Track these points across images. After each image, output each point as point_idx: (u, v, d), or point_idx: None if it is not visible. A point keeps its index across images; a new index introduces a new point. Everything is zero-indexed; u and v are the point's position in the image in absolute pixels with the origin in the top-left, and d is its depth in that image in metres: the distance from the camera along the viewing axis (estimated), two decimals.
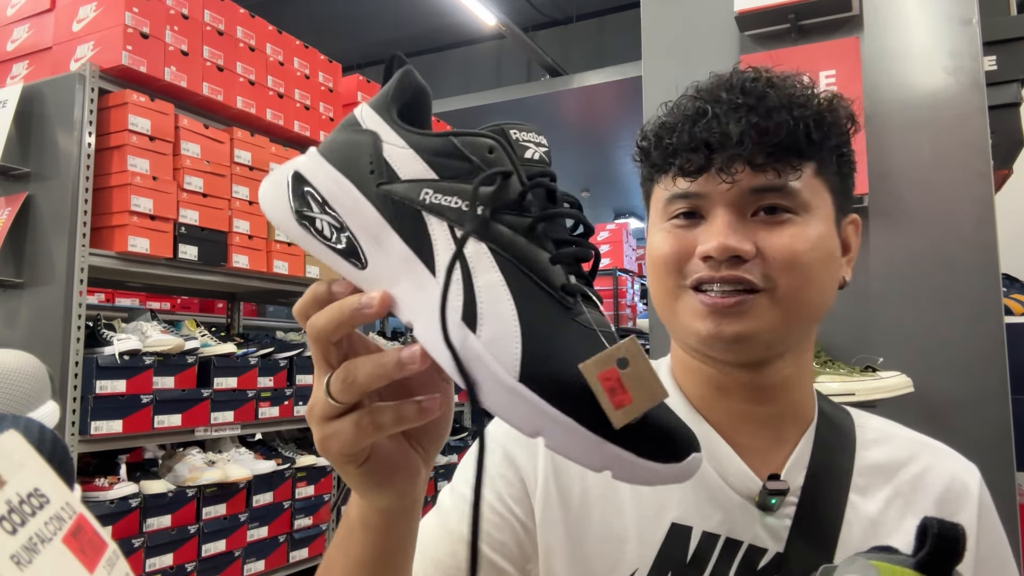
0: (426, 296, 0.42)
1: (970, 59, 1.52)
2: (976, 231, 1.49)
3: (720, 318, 0.64)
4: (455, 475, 0.79)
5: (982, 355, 1.46)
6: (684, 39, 1.81)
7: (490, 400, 0.39)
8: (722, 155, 0.65)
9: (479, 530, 0.50)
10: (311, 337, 0.45)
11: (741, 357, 0.67)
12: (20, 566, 0.47)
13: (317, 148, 0.48)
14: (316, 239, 0.45)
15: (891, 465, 0.74)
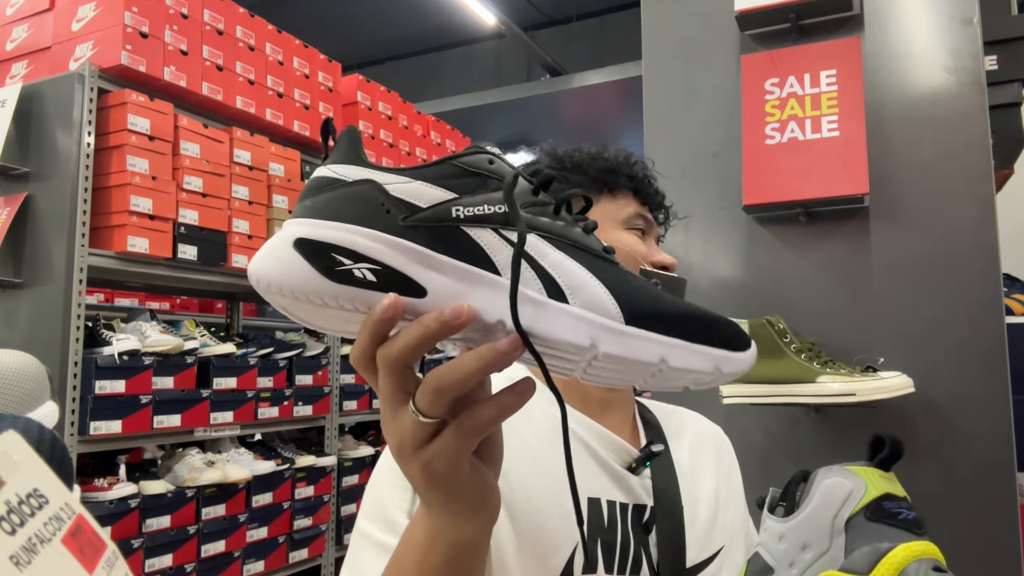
0: (504, 293, 0.45)
1: (971, 58, 1.52)
2: (977, 231, 1.49)
3: None
4: (370, 504, 0.75)
5: (983, 355, 1.45)
6: (684, 39, 1.81)
7: (612, 348, 0.45)
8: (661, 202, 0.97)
9: (581, 522, 0.52)
10: (388, 369, 0.46)
11: None
12: (19, 566, 0.47)
13: (302, 216, 0.48)
14: (359, 288, 0.46)
15: (680, 428, 0.96)
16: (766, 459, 1.60)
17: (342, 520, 3.22)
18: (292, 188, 2.99)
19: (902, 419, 1.50)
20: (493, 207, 0.47)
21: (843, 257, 1.59)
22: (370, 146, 3.56)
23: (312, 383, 3.08)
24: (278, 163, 2.95)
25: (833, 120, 1.56)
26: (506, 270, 0.46)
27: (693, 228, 1.73)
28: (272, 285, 0.46)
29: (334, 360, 3.24)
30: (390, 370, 0.46)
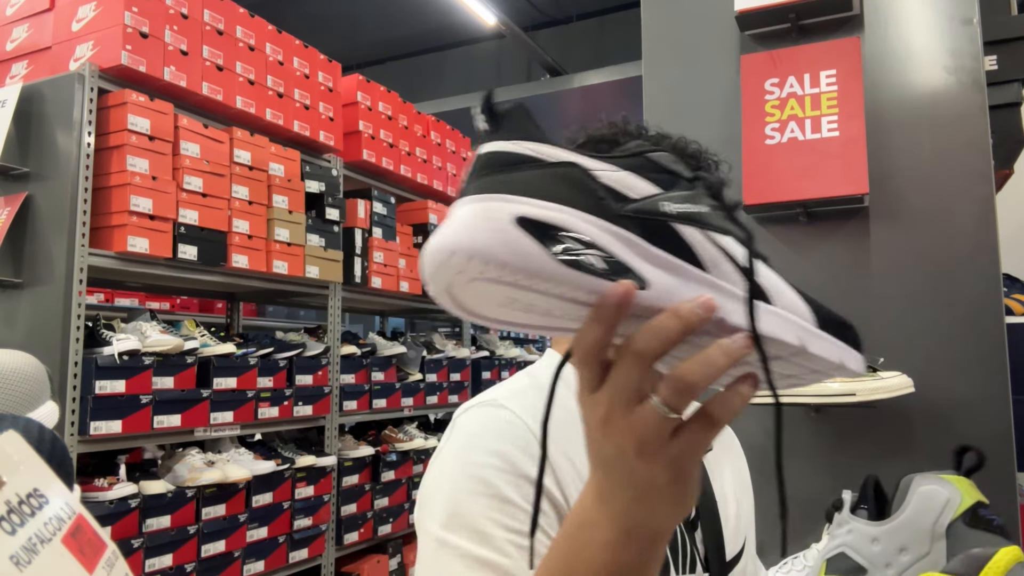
0: (719, 292, 0.47)
1: (971, 59, 1.52)
2: (977, 231, 1.49)
3: None
4: (448, 513, 0.71)
5: (982, 355, 1.45)
6: (684, 39, 1.81)
7: (817, 349, 0.48)
8: None
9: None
10: (638, 362, 0.45)
11: None
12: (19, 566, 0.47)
13: (497, 191, 0.46)
14: (587, 275, 0.44)
15: None
16: (766, 459, 1.60)
17: (342, 520, 3.22)
18: (292, 188, 2.99)
19: (902, 419, 1.50)
20: (697, 206, 0.49)
21: (843, 257, 1.60)
22: (370, 146, 3.57)
23: (312, 383, 3.08)
24: (278, 163, 2.95)
25: (833, 120, 1.56)
26: (713, 268, 0.47)
27: None
28: (491, 262, 0.42)
29: (334, 360, 3.24)
30: (639, 363, 0.44)
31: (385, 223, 3.64)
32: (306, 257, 3.03)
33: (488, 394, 0.82)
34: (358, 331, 3.94)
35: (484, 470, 0.72)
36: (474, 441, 0.75)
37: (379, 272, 3.54)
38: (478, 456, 0.73)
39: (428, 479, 0.77)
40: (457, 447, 0.76)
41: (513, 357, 4.71)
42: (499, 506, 0.70)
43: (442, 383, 3.96)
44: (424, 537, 0.73)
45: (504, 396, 0.80)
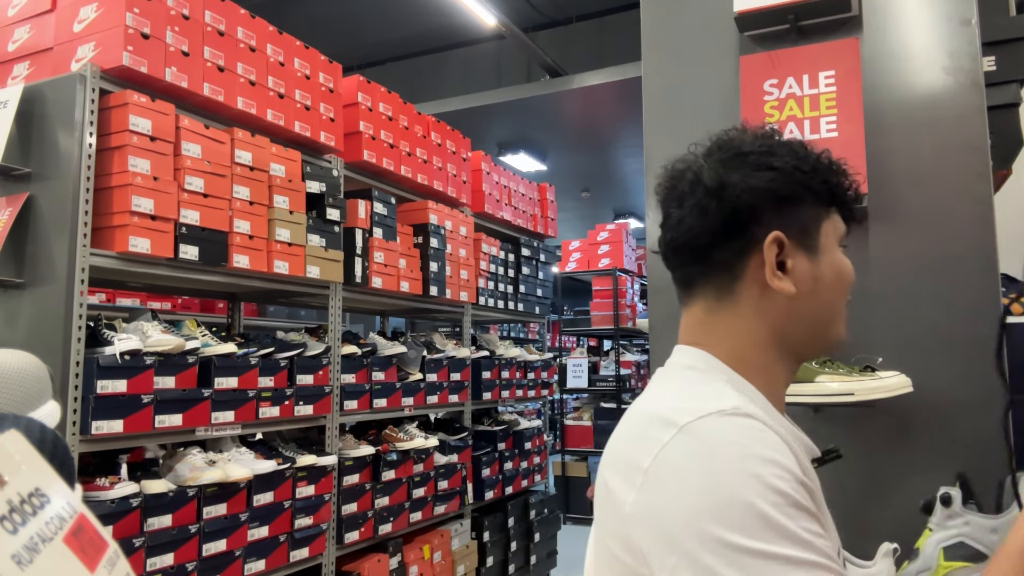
0: None
1: (969, 59, 1.52)
2: (975, 231, 1.49)
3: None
4: (756, 525, 0.68)
5: (981, 355, 1.46)
6: (684, 39, 1.82)
7: None
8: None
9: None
10: None
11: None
12: (21, 566, 0.47)
13: None
14: None
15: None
16: None
17: (343, 519, 3.22)
18: (293, 188, 2.99)
19: (900, 419, 1.50)
20: None
21: None
22: (371, 147, 3.57)
23: (313, 383, 3.09)
24: (279, 163, 2.96)
25: (832, 121, 1.56)
26: None
27: None
28: None
29: (335, 360, 3.25)
30: None
31: (386, 223, 3.64)
32: (307, 257, 3.03)
33: (713, 402, 0.77)
34: (358, 331, 3.95)
35: (771, 479, 0.70)
36: (747, 451, 0.72)
37: (379, 272, 3.54)
38: (758, 467, 0.70)
39: (690, 489, 0.71)
40: (728, 457, 0.72)
41: (513, 357, 4.71)
42: (796, 512, 0.69)
43: (442, 383, 3.97)
44: (722, 550, 0.67)
45: (738, 404, 0.77)
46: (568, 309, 12.54)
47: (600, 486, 0.84)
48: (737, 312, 0.86)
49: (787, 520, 0.68)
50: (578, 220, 13.40)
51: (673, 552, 0.69)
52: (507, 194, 4.93)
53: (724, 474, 0.70)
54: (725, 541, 0.67)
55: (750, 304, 0.85)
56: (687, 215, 0.86)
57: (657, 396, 0.85)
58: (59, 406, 1.59)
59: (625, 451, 0.80)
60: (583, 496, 7.51)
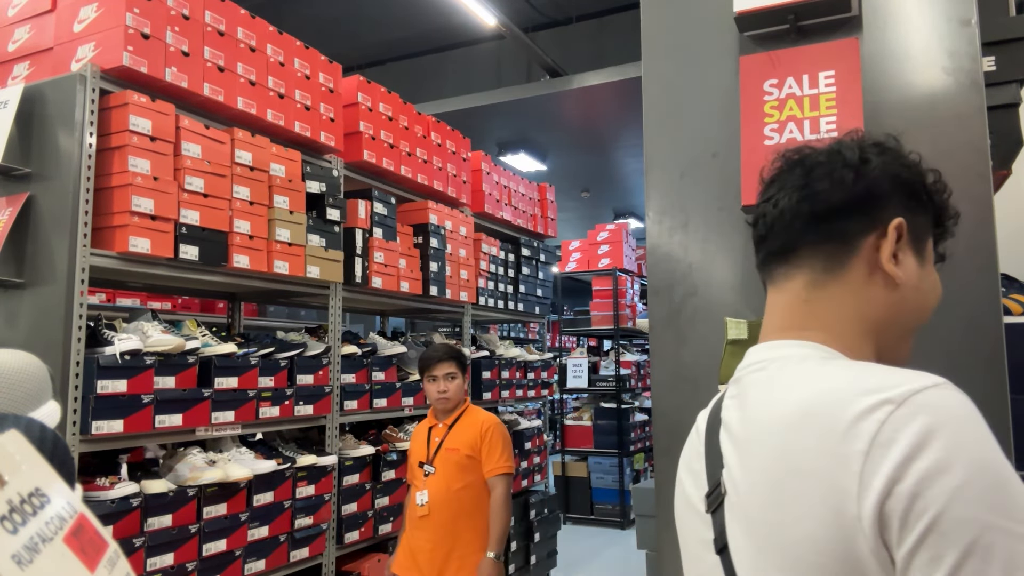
0: None
1: (969, 60, 1.52)
2: (975, 231, 1.49)
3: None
4: (1004, 513, 0.63)
5: (981, 355, 1.46)
6: (684, 39, 1.82)
7: None
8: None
9: None
10: None
11: None
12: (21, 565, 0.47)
13: None
14: None
15: None
16: None
17: (343, 519, 3.22)
18: (293, 188, 2.99)
19: None
20: None
21: None
22: (371, 147, 3.57)
23: (313, 383, 3.09)
24: (279, 164, 2.96)
25: (832, 121, 1.56)
26: None
27: (692, 228, 1.73)
28: None
29: (335, 360, 3.25)
30: None
31: (386, 223, 3.64)
32: (307, 257, 3.04)
33: (926, 377, 0.70)
34: (359, 331, 3.95)
35: (1003, 457, 0.66)
36: (982, 428, 0.67)
37: (379, 272, 3.55)
38: (994, 444, 0.67)
39: (952, 472, 0.64)
40: (974, 436, 0.66)
41: (513, 357, 4.71)
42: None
43: None
44: (999, 538, 0.62)
45: (946, 380, 0.72)
46: (568, 309, 12.54)
47: (755, 500, 0.76)
48: (843, 288, 0.85)
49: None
50: (578, 220, 13.40)
51: (945, 536, 0.63)
52: (507, 194, 4.94)
53: (978, 452, 0.65)
54: (1003, 527, 0.62)
55: (858, 281, 0.85)
56: (816, 182, 0.86)
57: (812, 386, 0.76)
58: (59, 406, 1.59)
59: (806, 443, 0.72)
60: (583, 496, 7.51)
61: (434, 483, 2.88)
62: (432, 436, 2.98)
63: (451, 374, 2.96)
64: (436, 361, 2.95)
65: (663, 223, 1.76)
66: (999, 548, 0.61)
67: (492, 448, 2.90)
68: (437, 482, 2.88)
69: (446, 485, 2.86)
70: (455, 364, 2.97)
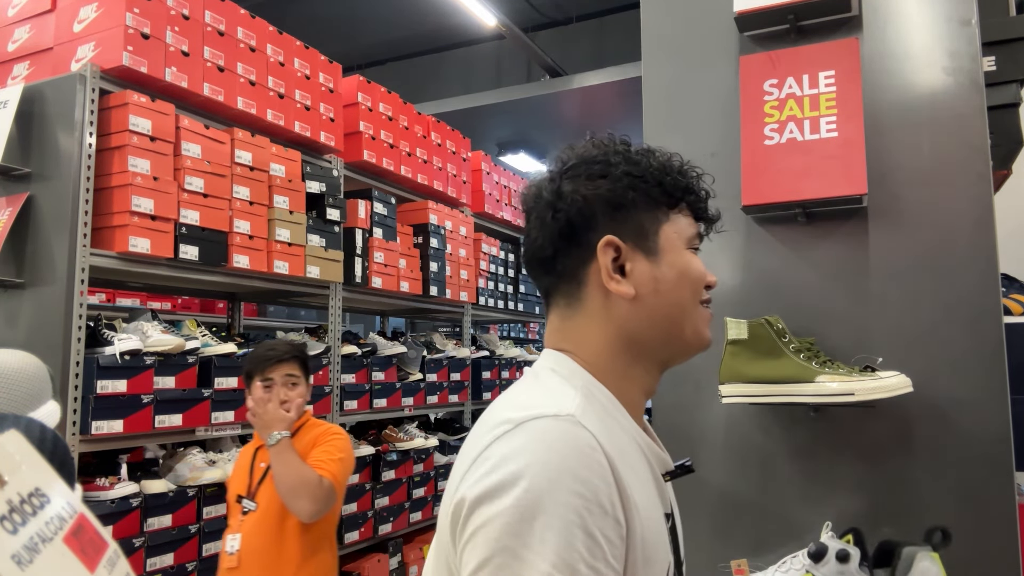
0: None
1: (969, 60, 1.52)
2: (975, 231, 1.49)
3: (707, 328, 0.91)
4: (549, 549, 0.68)
5: (981, 355, 1.46)
6: (684, 40, 1.82)
7: None
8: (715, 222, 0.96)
9: None
10: None
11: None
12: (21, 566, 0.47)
13: None
14: None
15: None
16: (765, 459, 1.61)
17: (343, 519, 3.22)
18: (293, 188, 2.99)
19: (900, 419, 1.50)
20: None
21: (841, 257, 1.60)
22: (371, 147, 3.57)
23: (313, 383, 3.08)
24: (279, 164, 2.96)
25: (832, 121, 1.56)
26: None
27: None
28: None
29: (335, 360, 3.25)
30: None
31: (385, 223, 3.64)
32: (307, 257, 3.03)
33: (552, 403, 0.77)
34: (358, 331, 3.95)
35: (578, 501, 0.70)
36: (565, 465, 0.71)
37: (379, 272, 3.55)
38: (572, 485, 0.70)
39: (510, 497, 0.70)
40: (547, 468, 0.71)
41: (513, 357, 4.71)
42: (587, 542, 0.69)
43: (442, 383, 3.97)
44: (511, 562, 0.68)
45: (575, 410, 0.77)
46: None
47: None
48: (586, 318, 0.87)
49: (572, 549, 0.68)
50: None
51: (475, 548, 0.70)
52: (507, 194, 4.94)
53: (537, 486, 0.70)
54: (525, 559, 0.67)
55: (596, 309, 0.86)
56: (533, 228, 0.89)
57: (506, 398, 0.85)
58: (59, 406, 1.59)
59: (467, 449, 0.80)
60: None
61: (252, 524, 2.16)
62: (256, 461, 2.25)
63: (293, 378, 2.24)
64: (274, 361, 2.23)
65: None
66: (506, 570, 0.68)
67: (322, 451, 2.21)
68: (256, 523, 2.16)
69: (267, 527, 2.15)
70: (298, 365, 2.27)
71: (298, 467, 2.11)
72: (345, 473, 2.23)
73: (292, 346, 2.33)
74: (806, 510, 1.54)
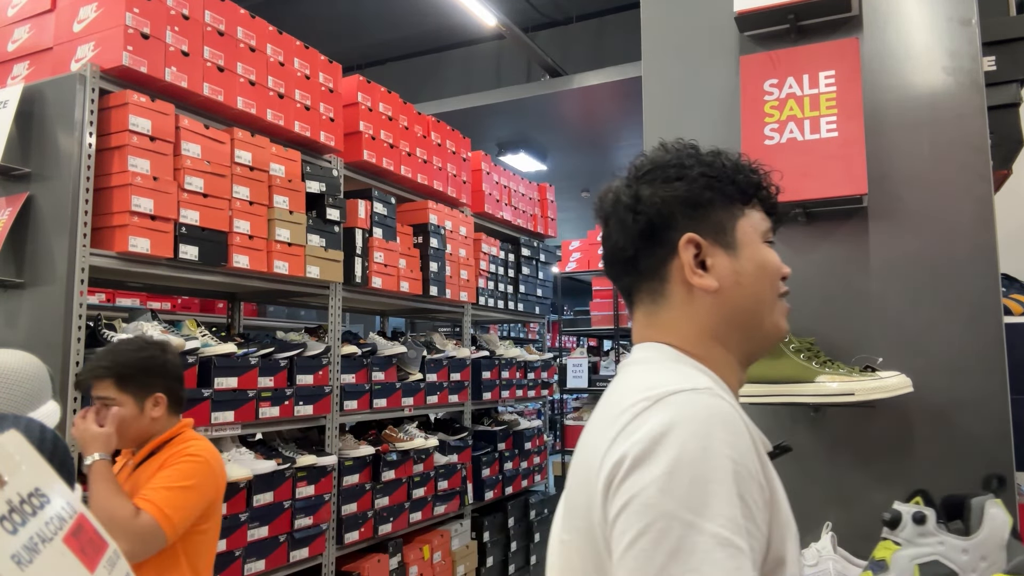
0: None
1: (969, 59, 1.52)
2: (975, 231, 1.49)
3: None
4: (714, 510, 0.71)
5: (981, 355, 1.46)
6: (684, 40, 1.82)
7: None
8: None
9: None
10: None
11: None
12: (21, 566, 0.47)
13: None
14: None
15: None
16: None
17: (343, 519, 3.22)
18: (293, 188, 2.99)
19: (900, 419, 1.50)
20: None
21: (842, 257, 1.60)
22: (371, 147, 3.57)
23: (313, 383, 3.09)
24: (279, 163, 2.96)
25: (832, 121, 1.56)
26: None
27: None
28: None
29: (335, 360, 3.25)
30: None
31: (385, 223, 3.64)
32: (307, 257, 3.03)
33: (683, 380, 0.81)
34: (358, 331, 3.95)
35: (730, 465, 0.73)
36: (714, 431, 0.75)
37: (379, 272, 3.54)
38: (723, 449, 0.74)
39: (663, 462, 0.73)
40: (697, 435, 0.74)
41: (513, 357, 4.71)
42: (740, 504, 0.72)
43: (442, 383, 3.97)
44: (675, 525, 0.70)
45: (711, 384, 0.83)
46: (568, 309, 12.53)
47: (572, 475, 0.87)
48: (672, 311, 0.92)
49: (730, 506, 0.71)
50: (578, 220, 13.38)
51: (631, 516, 0.72)
52: (507, 194, 4.94)
53: (688, 443, 0.74)
54: (683, 518, 0.70)
55: (682, 304, 0.91)
56: (613, 231, 0.94)
57: (625, 385, 0.88)
58: (59, 406, 1.59)
59: (598, 435, 0.82)
60: None
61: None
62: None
63: (106, 400, 1.88)
64: (86, 379, 1.91)
65: None
66: (671, 534, 0.70)
67: (159, 478, 1.85)
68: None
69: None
70: (113, 385, 1.87)
71: (108, 497, 1.77)
72: (182, 507, 1.81)
73: (111, 360, 1.89)
74: (806, 510, 1.54)
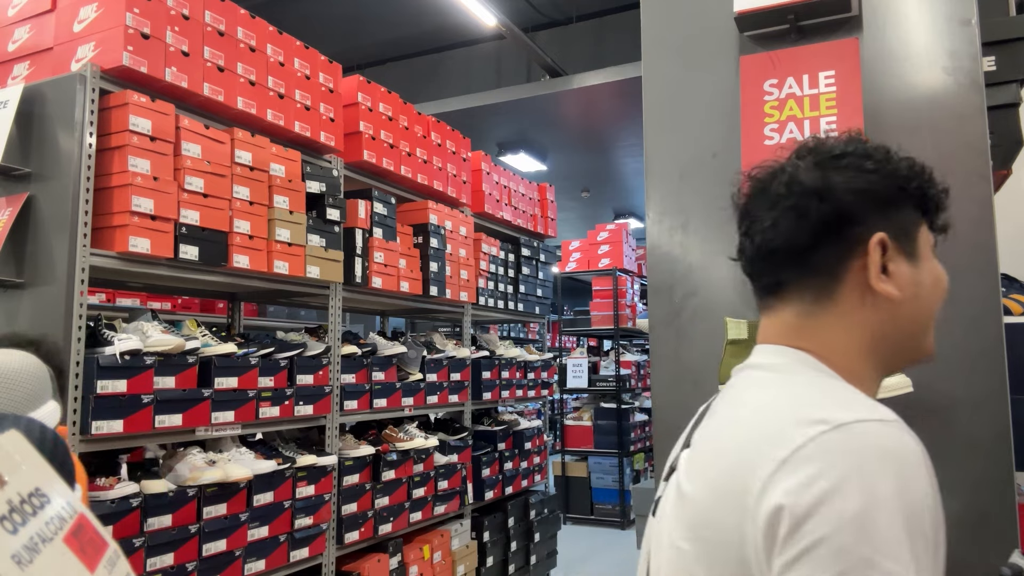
0: None
1: (969, 59, 1.52)
2: (975, 231, 1.49)
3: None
4: (922, 564, 0.66)
5: (981, 355, 1.46)
6: (684, 40, 1.82)
7: None
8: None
9: None
10: None
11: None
12: (21, 566, 0.47)
13: None
14: None
15: None
16: None
17: (343, 519, 3.22)
18: (293, 188, 2.99)
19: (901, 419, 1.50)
20: None
21: None
22: (371, 147, 3.57)
23: (313, 383, 3.09)
24: (279, 163, 2.96)
25: (832, 121, 1.56)
26: None
27: (693, 228, 1.73)
28: None
29: (335, 360, 3.25)
30: None
31: (386, 223, 3.64)
32: (307, 257, 3.03)
33: (876, 410, 0.74)
34: (358, 331, 3.95)
35: (921, 508, 0.69)
36: (906, 472, 0.70)
37: (379, 272, 3.55)
38: (915, 493, 0.69)
39: (853, 503, 0.66)
40: (888, 476, 0.68)
41: (513, 357, 4.71)
42: (934, 553, 0.69)
43: (442, 383, 3.97)
44: (872, 572, 0.65)
45: (898, 417, 0.75)
46: (568, 309, 12.54)
47: (681, 494, 0.81)
48: (837, 317, 0.83)
49: (921, 555, 0.67)
50: (578, 220, 13.40)
51: (821, 560, 0.65)
52: (507, 194, 4.93)
53: (880, 484, 0.68)
54: (885, 569, 0.65)
55: (851, 308, 0.82)
56: (782, 217, 0.83)
57: (772, 397, 0.80)
58: (59, 406, 1.59)
59: (747, 447, 0.75)
60: (583, 496, 7.51)
61: None
62: None
63: None
64: None
65: (663, 223, 1.76)
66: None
67: None
68: None
69: None
70: None
71: None
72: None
73: None
74: None
